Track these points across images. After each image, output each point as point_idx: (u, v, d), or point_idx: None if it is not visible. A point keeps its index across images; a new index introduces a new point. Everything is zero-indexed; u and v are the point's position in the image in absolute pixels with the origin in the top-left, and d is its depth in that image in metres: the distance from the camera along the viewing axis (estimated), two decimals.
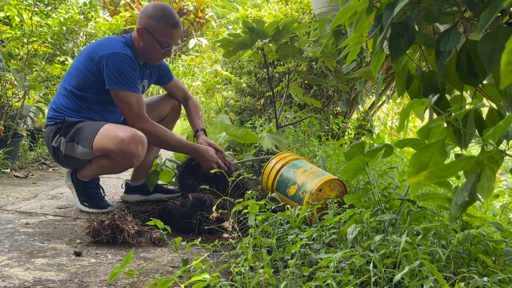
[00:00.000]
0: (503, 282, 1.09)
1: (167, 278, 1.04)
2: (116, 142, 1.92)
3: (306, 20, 4.29)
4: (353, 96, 4.16)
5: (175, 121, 2.51)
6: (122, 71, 1.97)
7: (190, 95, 2.47)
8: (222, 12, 11.78)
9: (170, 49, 2.12)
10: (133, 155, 1.94)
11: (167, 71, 2.35)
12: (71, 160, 2.10)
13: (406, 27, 1.10)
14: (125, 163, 1.98)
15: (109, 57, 1.97)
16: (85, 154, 2.02)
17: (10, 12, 3.49)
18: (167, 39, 2.05)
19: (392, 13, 1.01)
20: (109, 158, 1.99)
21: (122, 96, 1.99)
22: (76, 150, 2.03)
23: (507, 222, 1.71)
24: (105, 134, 1.96)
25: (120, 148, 1.91)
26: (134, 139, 1.93)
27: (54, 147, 2.09)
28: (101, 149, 1.96)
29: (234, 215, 1.77)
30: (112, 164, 2.02)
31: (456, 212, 0.75)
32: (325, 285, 1.02)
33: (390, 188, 1.90)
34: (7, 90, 3.55)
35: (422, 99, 0.68)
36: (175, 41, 2.10)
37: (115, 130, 1.96)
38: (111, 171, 2.12)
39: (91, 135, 1.98)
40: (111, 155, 1.96)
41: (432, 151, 0.75)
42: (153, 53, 2.08)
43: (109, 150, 1.95)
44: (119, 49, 2.00)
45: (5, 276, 1.29)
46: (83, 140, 2.00)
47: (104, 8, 9.90)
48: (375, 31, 1.11)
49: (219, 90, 6.42)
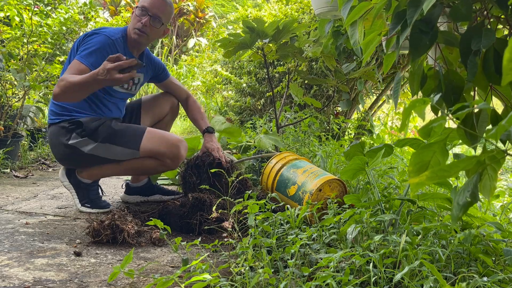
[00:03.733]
0: (503, 282, 1.09)
1: (167, 278, 1.04)
2: (169, 145, 2.02)
3: (306, 20, 4.29)
4: (353, 96, 4.16)
5: (173, 120, 2.50)
6: (91, 46, 1.96)
7: (189, 93, 2.46)
8: (221, 10, 11.78)
9: (148, 18, 2.03)
10: (180, 158, 2.07)
11: (162, 68, 2.34)
12: (93, 159, 2.05)
13: (430, 24, 1.06)
14: (171, 165, 2.08)
15: (91, 34, 2.02)
16: (125, 154, 2.04)
17: (10, 12, 3.49)
18: (143, 2, 2.04)
19: (418, 10, 0.97)
20: (156, 160, 2.05)
21: (72, 65, 1.93)
22: (110, 150, 2.03)
23: (507, 222, 1.70)
24: (153, 136, 2.04)
25: (172, 151, 2.03)
26: (182, 143, 2.07)
27: (68, 145, 2.02)
28: (151, 151, 2.02)
29: (234, 215, 1.77)
30: (156, 166, 2.08)
31: (458, 212, 0.75)
32: (325, 285, 1.02)
33: (390, 188, 1.90)
34: (7, 90, 3.55)
35: (423, 99, 0.68)
36: (152, 8, 2.03)
37: (162, 134, 2.08)
38: (148, 171, 2.21)
39: (136, 137, 2.03)
40: (160, 157, 2.03)
41: (433, 150, 0.75)
42: (132, 24, 2.07)
43: (160, 152, 2.02)
44: (103, 30, 2.03)
45: (5, 276, 1.29)
46: (126, 142, 2.02)
47: (104, 8, 9.90)
48: (397, 29, 1.07)
49: (219, 90, 6.42)
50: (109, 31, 2.06)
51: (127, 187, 2.41)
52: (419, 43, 1.07)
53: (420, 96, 0.91)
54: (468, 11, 1.01)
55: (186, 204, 1.88)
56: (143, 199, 2.40)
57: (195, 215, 1.83)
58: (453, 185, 1.45)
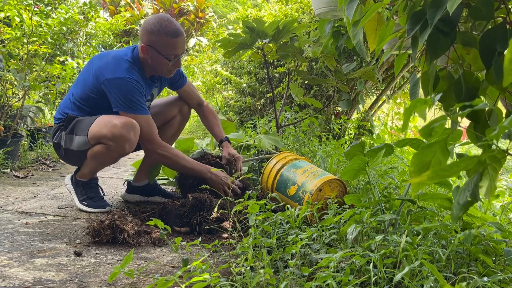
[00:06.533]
0: (503, 282, 1.09)
1: (168, 279, 1.04)
2: (109, 127, 1.95)
3: (306, 20, 4.29)
4: (353, 96, 4.16)
5: (184, 124, 2.48)
6: (128, 96, 1.98)
7: (204, 100, 2.45)
8: (223, 11, 11.78)
9: (179, 60, 2.08)
10: (124, 139, 1.95)
11: (179, 76, 2.32)
12: (70, 154, 2.12)
13: (450, 25, 1.03)
14: (117, 148, 1.98)
15: (113, 82, 1.98)
16: (81, 144, 2.04)
17: (10, 12, 3.48)
18: (172, 50, 2.02)
19: (440, 10, 0.95)
20: (102, 145, 2.01)
21: (142, 119, 2.02)
22: (73, 141, 2.06)
23: (507, 222, 1.70)
24: (100, 121, 2.00)
25: (112, 132, 1.94)
26: (126, 124, 1.95)
27: (55, 143, 2.15)
28: (95, 135, 1.99)
29: (234, 215, 1.77)
30: (105, 151, 2.01)
31: (458, 212, 0.75)
32: (325, 285, 1.02)
33: (390, 188, 1.90)
34: (7, 90, 3.55)
35: (424, 99, 0.68)
36: (181, 50, 2.06)
37: (110, 117, 2.00)
38: (105, 159, 2.09)
39: (88, 124, 2.02)
40: (103, 140, 1.98)
41: (434, 150, 0.75)
42: (162, 67, 2.07)
43: (102, 135, 1.97)
44: (124, 73, 1.99)
45: (5, 276, 1.29)
46: (81, 130, 2.04)
47: (104, 8, 9.89)
48: (416, 29, 1.04)
49: (219, 90, 6.42)
50: (125, 71, 1.99)
51: (128, 185, 2.41)
52: (437, 43, 1.04)
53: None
54: (489, 11, 0.99)
55: (186, 204, 1.88)
56: (143, 199, 2.40)
57: (195, 215, 1.83)
58: (454, 185, 1.45)
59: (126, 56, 2.06)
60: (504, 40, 0.97)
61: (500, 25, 1.01)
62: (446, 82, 1.17)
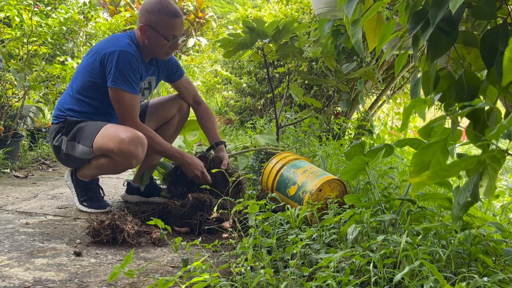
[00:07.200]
0: (503, 282, 1.09)
1: (168, 279, 1.04)
2: (116, 142, 1.91)
3: (306, 20, 4.29)
4: (353, 96, 4.16)
5: (183, 123, 2.47)
6: (123, 70, 1.96)
7: (201, 99, 2.43)
8: (222, 11, 11.79)
9: (177, 41, 2.08)
10: (132, 155, 1.93)
11: (177, 67, 2.31)
12: (71, 159, 2.10)
13: (452, 24, 1.02)
14: (124, 163, 1.97)
15: (114, 54, 1.96)
16: (85, 153, 2.02)
17: (10, 12, 3.48)
18: (170, 30, 2.03)
19: (442, 10, 0.94)
20: (109, 158, 1.98)
21: (117, 93, 1.98)
22: (76, 149, 2.03)
23: (507, 222, 1.71)
24: (106, 133, 1.96)
25: (119, 148, 1.91)
26: (134, 139, 1.92)
27: (55, 145, 2.12)
28: (101, 148, 1.96)
29: (234, 215, 1.77)
30: (111, 164, 2.00)
31: (459, 212, 0.75)
32: (325, 285, 1.02)
33: (390, 188, 1.90)
34: (7, 90, 3.55)
35: (424, 98, 0.68)
36: (179, 32, 2.06)
37: (116, 130, 1.96)
38: (110, 171, 2.11)
39: (92, 134, 1.98)
40: (110, 154, 1.96)
41: (434, 150, 0.75)
42: (159, 48, 2.06)
43: (108, 150, 1.94)
44: (125, 46, 1.99)
45: (5, 276, 1.29)
46: (84, 139, 2.00)
47: (104, 8, 9.90)
48: (417, 28, 1.04)
49: (219, 90, 6.42)
50: (126, 45, 2.01)
51: (128, 186, 2.41)
52: (439, 43, 1.04)
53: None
54: (491, 10, 0.98)
55: (186, 204, 1.88)
56: (143, 200, 2.40)
57: (195, 215, 1.83)
58: (454, 185, 1.45)
59: (125, 36, 2.09)
60: (506, 39, 0.96)
61: (501, 25, 1.00)
62: (447, 81, 1.17)
